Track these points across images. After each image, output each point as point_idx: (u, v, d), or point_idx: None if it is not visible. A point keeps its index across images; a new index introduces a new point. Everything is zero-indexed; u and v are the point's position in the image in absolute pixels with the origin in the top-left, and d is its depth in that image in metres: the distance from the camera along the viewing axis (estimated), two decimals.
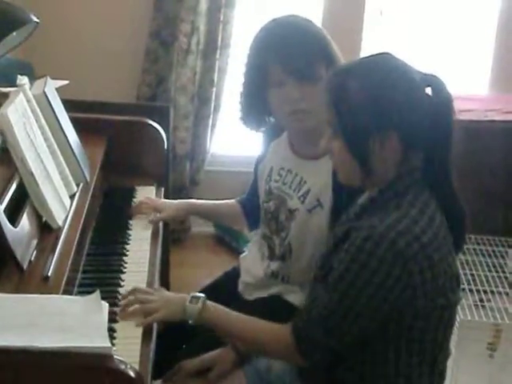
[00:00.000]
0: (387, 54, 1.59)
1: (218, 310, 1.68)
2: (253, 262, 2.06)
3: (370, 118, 1.51)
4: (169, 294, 1.73)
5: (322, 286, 1.56)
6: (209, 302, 1.67)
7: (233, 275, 2.13)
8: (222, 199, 2.27)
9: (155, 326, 1.66)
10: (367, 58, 1.62)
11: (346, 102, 1.54)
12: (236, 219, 2.26)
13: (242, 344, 1.75)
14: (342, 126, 1.55)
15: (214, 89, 3.68)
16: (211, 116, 3.73)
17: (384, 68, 1.55)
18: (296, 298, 1.93)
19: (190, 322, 1.66)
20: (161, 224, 2.18)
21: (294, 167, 1.94)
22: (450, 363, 1.69)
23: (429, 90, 1.57)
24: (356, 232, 1.50)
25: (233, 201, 2.23)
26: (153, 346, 1.60)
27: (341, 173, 1.63)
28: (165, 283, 2.44)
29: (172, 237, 3.37)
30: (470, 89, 3.89)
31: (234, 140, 3.92)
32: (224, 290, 2.09)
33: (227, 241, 3.76)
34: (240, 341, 1.74)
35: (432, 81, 1.57)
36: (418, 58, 3.73)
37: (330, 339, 1.54)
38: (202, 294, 1.68)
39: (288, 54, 1.79)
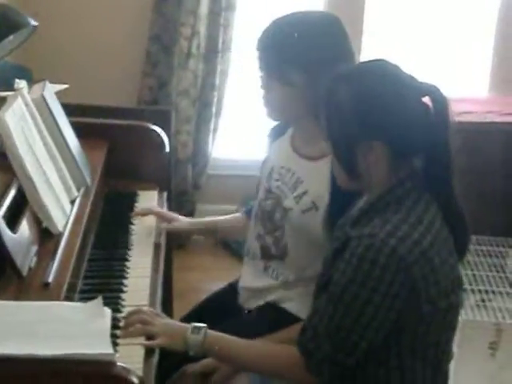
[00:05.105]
0: (382, 60, 1.58)
1: (220, 341, 1.63)
2: (247, 266, 2.04)
3: (356, 125, 1.51)
4: (171, 321, 1.71)
5: (325, 298, 1.53)
6: (210, 332, 1.62)
7: (236, 287, 2.10)
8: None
9: None
10: (361, 65, 1.63)
11: (334, 107, 1.55)
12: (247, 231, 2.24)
13: (250, 371, 1.72)
14: (329, 129, 1.56)
15: (216, 92, 3.67)
16: (213, 120, 3.72)
17: (375, 76, 1.54)
18: (293, 306, 1.91)
19: (191, 353, 1.62)
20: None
21: (293, 166, 1.93)
22: (451, 363, 1.69)
23: (426, 99, 1.55)
24: (356, 241, 1.48)
25: (238, 214, 2.22)
26: (156, 351, 1.58)
27: (336, 176, 1.63)
28: (168, 288, 2.42)
29: (176, 241, 3.35)
30: (469, 91, 3.89)
31: (235, 144, 3.92)
32: (224, 301, 2.07)
33: (231, 245, 3.74)
34: (248, 370, 1.72)
35: (429, 90, 1.55)
36: (418, 60, 3.74)
37: (339, 354, 1.50)
38: (203, 324, 1.63)
39: (262, 50, 1.85)
